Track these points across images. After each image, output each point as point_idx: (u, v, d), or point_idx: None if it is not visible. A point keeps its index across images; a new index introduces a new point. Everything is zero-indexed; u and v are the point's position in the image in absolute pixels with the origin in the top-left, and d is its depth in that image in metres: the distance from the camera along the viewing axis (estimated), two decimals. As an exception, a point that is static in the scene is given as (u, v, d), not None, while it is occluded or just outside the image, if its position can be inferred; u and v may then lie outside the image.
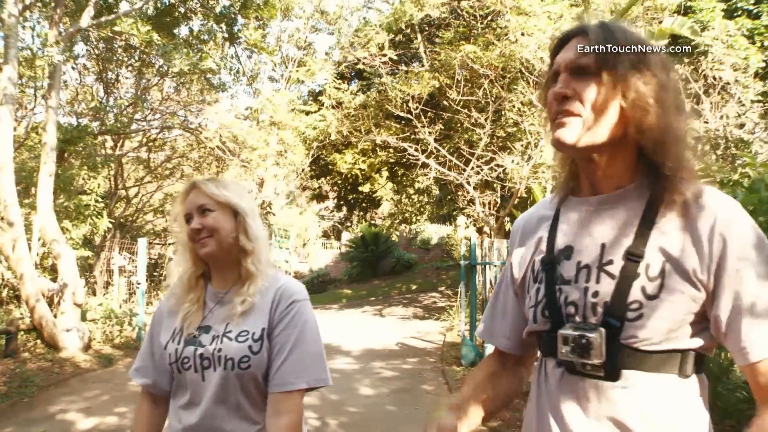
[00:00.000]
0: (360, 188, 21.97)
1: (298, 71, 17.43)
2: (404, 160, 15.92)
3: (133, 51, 13.90)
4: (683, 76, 9.29)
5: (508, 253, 1.40)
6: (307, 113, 16.50)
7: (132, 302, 11.82)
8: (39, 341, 8.87)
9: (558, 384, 1.15)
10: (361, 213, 26.23)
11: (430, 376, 8.30)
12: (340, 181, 21.85)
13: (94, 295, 12.31)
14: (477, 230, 16.52)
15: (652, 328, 1.03)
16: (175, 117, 15.64)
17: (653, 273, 1.05)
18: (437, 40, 15.05)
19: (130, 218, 15.99)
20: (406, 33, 16.08)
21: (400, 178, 21.15)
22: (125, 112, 14.39)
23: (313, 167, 20.12)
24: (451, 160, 13.30)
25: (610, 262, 1.10)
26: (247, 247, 1.72)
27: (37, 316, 8.68)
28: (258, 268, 1.72)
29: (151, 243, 14.00)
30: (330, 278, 27.83)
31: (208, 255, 1.70)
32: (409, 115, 13.71)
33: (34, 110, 13.27)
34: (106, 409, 6.23)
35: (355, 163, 19.16)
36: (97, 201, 11.96)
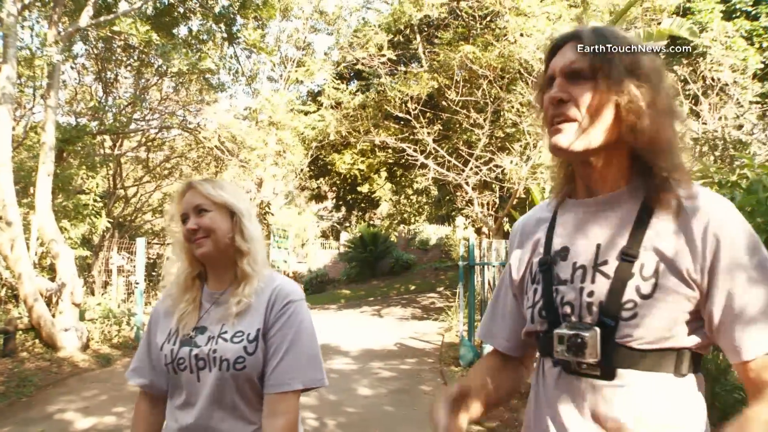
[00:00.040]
0: (359, 188, 21.97)
1: (297, 71, 17.42)
2: (403, 161, 15.92)
3: (132, 51, 13.89)
4: (682, 77, 9.32)
5: (507, 255, 1.41)
6: (306, 113, 16.49)
7: (130, 302, 11.81)
8: (37, 341, 8.87)
9: (555, 383, 1.16)
10: (360, 213, 26.21)
11: (429, 376, 8.31)
12: (338, 182, 21.84)
13: (93, 294, 12.29)
14: (475, 231, 16.54)
15: (647, 327, 1.04)
16: (174, 117, 15.62)
17: (647, 273, 1.06)
18: (436, 40, 15.05)
19: (128, 218, 15.97)
20: (405, 33, 16.08)
21: (398, 179, 21.15)
22: (124, 111, 14.39)
23: (312, 167, 20.11)
24: (450, 161, 13.30)
25: (605, 263, 1.11)
26: (243, 247, 1.72)
27: (36, 316, 8.67)
28: (254, 268, 1.72)
29: (150, 243, 14.00)
30: (328, 278, 27.83)
31: (204, 255, 1.70)
32: (408, 116, 13.72)
33: (33, 110, 13.28)
34: (104, 409, 6.23)
35: (353, 164, 19.15)
36: (96, 200, 11.94)
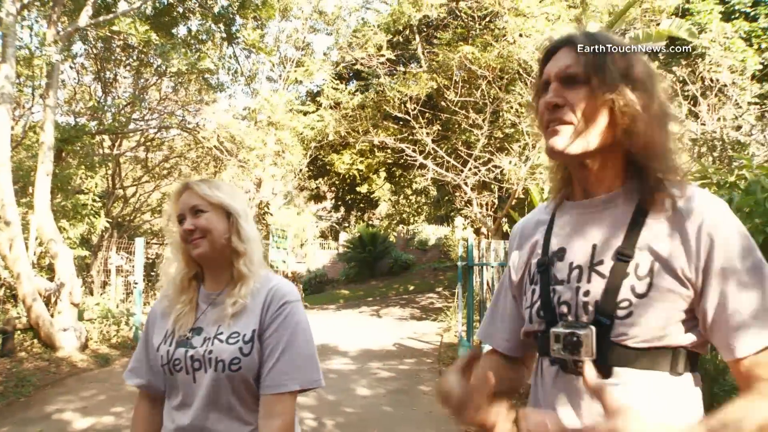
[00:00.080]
0: (358, 189, 21.96)
1: (296, 71, 17.40)
2: (402, 161, 15.93)
3: (131, 50, 13.90)
4: (680, 78, 9.33)
5: (506, 256, 1.43)
6: (305, 113, 16.48)
7: (129, 302, 11.81)
8: (36, 341, 8.86)
9: (553, 382, 1.18)
10: (359, 213, 26.20)
11: (427, 376, 8.31)
12: (337, 182, 21.84)
13: (91, 294, 12.29)
14: (474, 231, 16.53)
15: (642, 325, 1.06)
16: (173, 117, 15.62)
17: (642, 272, 1.08)
18: (435, 41, 15.07)
19: (127, 218, 15.98)
20: (404, 34, 16.09)
21: (397, 179, 21.15)
22: (123, 111, 14.39)
23: (311, 168, 20.10)
24: (449, 161, 13.31)
25: (601, 263, 1.13)
26: (240, 248, 1.72)
27: (34, 316, 8.67)
28: (250, 269, 1.72)
29: (149, 243, 14.01)
30: (327, 279, 27.85)
31: (201, 256, 1.70)
32: (407, 116, 13.72)
33: (32, 109, 13.27)
34: (102, 409, 6.23)
35: (352, 164, 19.15)
36: (95, 200, 11.94)
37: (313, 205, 27.27)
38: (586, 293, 1.12)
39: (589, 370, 0.97)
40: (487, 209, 13.92)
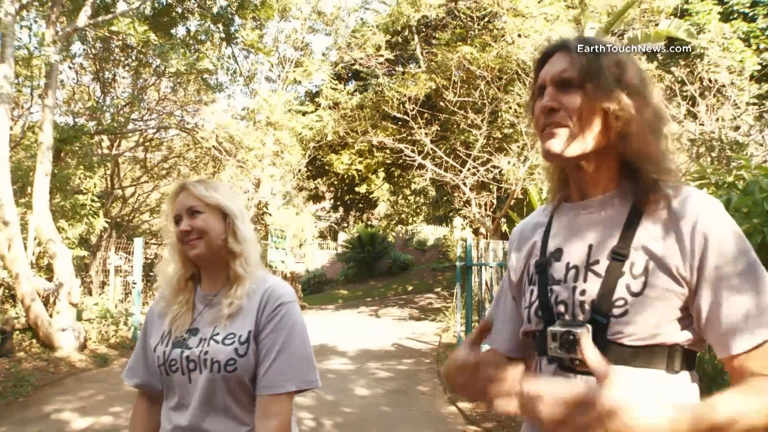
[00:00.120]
0: (356, 189, 21.99)
1: (295, 72, 17.40)
2: (401, 161, 15.94)
3: (130, 51, 13.89)
4: (679, 78, 9.33)
5: (505, 257, 1.44)
6: (304, 114, 16.49)
7: (128, 302, 11.80)
8: (34, 341, 8.86)
9: None
10: (358, 214, 26.22)
11: (426, 377, 8.32)
12: (336, 182, 21.85)
13: (90, 294, 12.28)
14: (473, 231, 16.55)
15: (637, 323, 1.07)
16: (172, 117, 15.61)
17: (637, 271, 1.09)
18: (434, 41, 15.08)
19: (126, 218, 15.97)
20: (403, 34, 16.10)
21: (396, 179, 21.17)
22: (122, 111, 14.37)
23: (310, 168, 20.11)
24: (448, 161, 13.32)
25: (597, 262, 1.15)
26: (236, 249, 1.72)
27: (33, 316, 8.66)
28: (246, 270, 1.72)
29: (148, 243, 13.99)
30: (326, 279, 27.85)
31: (197, 257, 1.70)
32: (406, 116, 13.73)
33: (31, 109, 13.28)
34: (101, 409, 6.23)
35: (351, 164, 19.16)
36: (94, 200, 11.93)
37: (311, 206, 27.29)
38: (583, 292, 1.14)
39: (586, 340, 0.99)
40: (486, 209, 13.93)
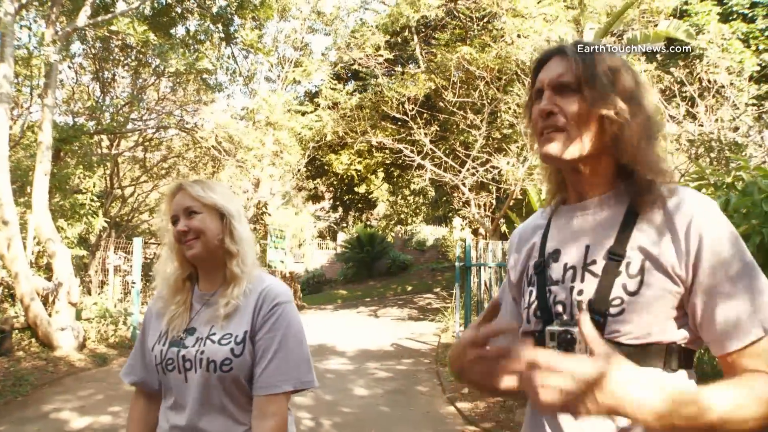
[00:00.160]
0: (356, 189, 22.00)
1: (294, 72, 17.41)
2: (400, 162, 15.95)
3: (129, 51, 13.89)
4: (678, 79, 9.33)
5: (504, 258, 1.45)
6: (303, 114, 16.50)
7: (127, 302, 11.79)
8: (33, 340, 8.86)
9: None
10: (357, 214, 26.24)
11: (425, 377, 8.32)
12: (335, 182, 21.86)
13: (89, 294, 12.27)
14: (472, 232, 16.56)
15: (634, 322, 1.09)
16: (171, 117, 15.62)
17: (633, 270, 1.11)
18: (433, 41, 15.09)
19: (125, 218, 15.98)
20: (403, 34, 16.11)
21: (395, 180, 21.19)
22: (121, 111, 14.37)
23: (309, 168, 20.12)
24: (447, 162, 13.33)
25: (594, 262, 1.16)
26: (232, 249, 1.72)
27: (32, 315, 8.66)
28: (243, 270, 1.72)
29: (147, 242, 13.99)
30: (325, 279, 27.85)
31: (195, 257, 1.71)
32: (405, 117, 13.73)
33: (30, 109, 13.28)
34: (100, 408, 6.23)
35: (351, 164, 19.18)
36: (93, 200, 11.93)
37: (311, 206, 27.32)
38: (580, 292, 1.15)
39: (585, 317, 1.00)
40: (485, 210, 13.94)
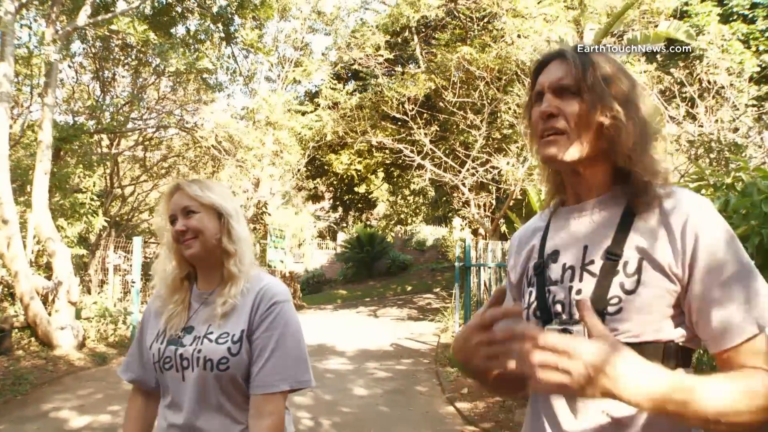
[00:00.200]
0: (356, 189, 22.01)
1: (294, 71, 17.41)
2: (400, 162, 15.95)
3: (129, 50, 13.90)
4: (678, 80, 9.34)
5: (504, 259, 1.46)
6: (303, 113, 16.50)
7: (127, 301, 11.80)
8: (33, 339, 8.86)
9: None
10: (357, 214, 26.25)
11: (424, 377, 8.32)
12: (335, 182, 21.87)
13: (89, 293, 12.27)
14: (472, 232, 16.56)
15: (632, 321, 1.10)
16: (171, 116, 15.62)
17: (631, 270, 1.13)
18: (433, 41, 15.09)
19: (125, 217, 15.98)
20: (403, 35, 16.11)
21: (395, 180, 21.19)
22: (121, 110, 14.37)
23: (309, 168, 20.12)
24: (447, 162, 13.33)
25: (592, 262, 1.18)
26: (230, 248, 1.73)
27: (32, 314, 8.67)
28: (240, 269, 1.73)
29: (147, 242, 13.99)
30: (325, 279, 27.85)
31: (193, 256, 1.72)
32: (405, 117, 13.74)
33: (31, 108, 13.27)
34: (99, 408, 6.24)
35: (350, 164, 19.18)
36: (93, 199, 11.93)
37: (311, 205, 27.31)
38: (579, 292, 1.17)
39: (587, 307, 1.01)
40: (485, 210, 13.95)
